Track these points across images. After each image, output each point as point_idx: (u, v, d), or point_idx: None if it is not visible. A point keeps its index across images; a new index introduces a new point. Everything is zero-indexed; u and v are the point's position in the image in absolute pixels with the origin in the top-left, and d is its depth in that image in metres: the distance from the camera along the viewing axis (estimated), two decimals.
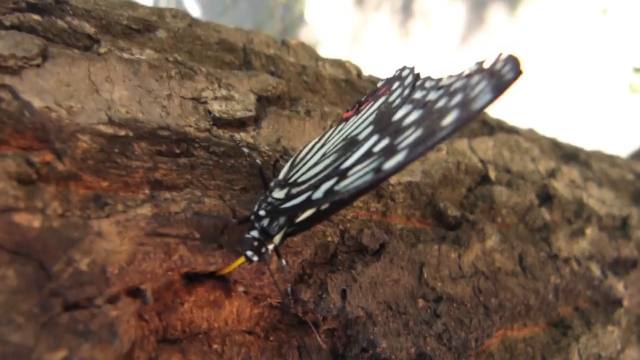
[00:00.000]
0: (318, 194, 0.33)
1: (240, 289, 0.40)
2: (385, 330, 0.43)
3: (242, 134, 0.44)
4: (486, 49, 1.90)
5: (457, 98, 0.28)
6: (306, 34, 2.51)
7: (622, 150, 1.38)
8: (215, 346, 0.37)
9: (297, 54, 0.59)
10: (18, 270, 0.30)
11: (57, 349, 0.30)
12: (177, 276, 0.38)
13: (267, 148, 0.44)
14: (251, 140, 0.44)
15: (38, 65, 0.37)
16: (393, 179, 0.50)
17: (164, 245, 0.35)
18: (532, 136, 0.77)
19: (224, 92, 0.45)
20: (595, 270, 0.65)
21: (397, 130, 0.31)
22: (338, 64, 0.62)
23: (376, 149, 0.32)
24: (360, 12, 2.31)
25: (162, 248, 0.35)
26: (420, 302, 0.47)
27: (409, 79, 0.37)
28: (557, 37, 1.69)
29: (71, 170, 0.35)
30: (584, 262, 0.65)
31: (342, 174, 0.32)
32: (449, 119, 0.27)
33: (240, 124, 0.44)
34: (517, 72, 0.26)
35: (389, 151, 0.30)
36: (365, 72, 0.65)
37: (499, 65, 0.27)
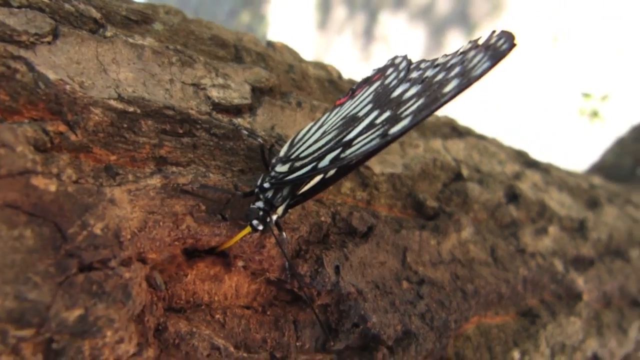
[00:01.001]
0: (324, 162, 0.35)
1: (240, 263, 0.41)
2: (374, 307, 0.45)
3: (239, 120, 0.46)
4: None
5: (456, 70, 0.32)
6: None
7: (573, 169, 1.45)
8: (217, 316, 0.39)
9: (282, 54, 0.61)
10: (35, 230, 0.31)
11: (74, 308, 0.31)
12: (179, 250, 0.39)
13: (263, 133, 0.46)
14: (248, 126, 0.46)
15: (49, 43, 0.38)
16: (377, 170, 0.53)
17: (172, 215, 0.37)
18: (497, 143, 0.82)
19: (221, 80, 0.47)
20: (558, 265, 0.70)
21: (398, 103, 0.34)
22: (320, 66, 0.65)
23: (378, 120, 0.34)
24: (323, 34, 2.37)
25: (171, 218, 0.37)
26: (405, 284, 0.49)
27: (404, 64, 0.40)
28: (512, 62, 1.78)
29: (82, 141, 0.36)
30: (548, 257, 0.69)
31: (347, 144, 0.35)
32: (450, 87, 0.30)
33: (236, 110, 0.46)
34: (512, 44, 0.29)
35: (393, 120, 0.33)
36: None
37: (494, 39, 0.31)
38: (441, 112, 0.75)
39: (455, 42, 1.95)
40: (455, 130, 0.76)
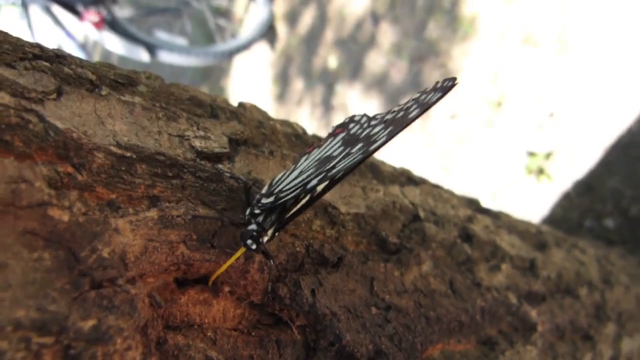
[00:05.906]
0: (312, 183, 0.42)
1: (227, 289, 0.46)
2: (347, 327, 0.50)
3: (221, 165, 0.52)
4: (401, 139, 2.08)
5: (415, 106, 0.41)
6: None
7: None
8: (209, 334, 0.43)
9: (252, 113, 0.68)
10: (52, 253, 0.36)
11: (88, 319, 0.35)
12: (171, 279, 0.44)
13: (241, 176, 0.52)
14: (228, 170, 0.52)
15: (54, 99, 0.44)
16: (343, 210, 0.59)
17: (168, 242, 0.42)
18: (449, 192, 0.89)
19: (202, 133, 0.53)
20: (513, 298, 0.76)
21: (367, 137, 0.42)
22: (287, 124, 0.72)
23: (354, 150, 0.42)
24: (282, 105, 2.49)
25: (167, 245, 0.42)
26: (373, 310, 0.54)
27: (364, 119, 0.48)
28: (460, 126, 1.91)
29: (87, 181, 0.41)
30: (502, 291, 0.75)
31: (331, 169, 0.42)
32: (413, 113, 0.39)
33: (217, 158, 0.52)
34: (454, 82, 0.39)
35: (370, 143, 0.41)
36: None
37: (441, 82, 0.40)
38: (397, 164, 0.83)
39: None
40: (411, 180, 0.83)
